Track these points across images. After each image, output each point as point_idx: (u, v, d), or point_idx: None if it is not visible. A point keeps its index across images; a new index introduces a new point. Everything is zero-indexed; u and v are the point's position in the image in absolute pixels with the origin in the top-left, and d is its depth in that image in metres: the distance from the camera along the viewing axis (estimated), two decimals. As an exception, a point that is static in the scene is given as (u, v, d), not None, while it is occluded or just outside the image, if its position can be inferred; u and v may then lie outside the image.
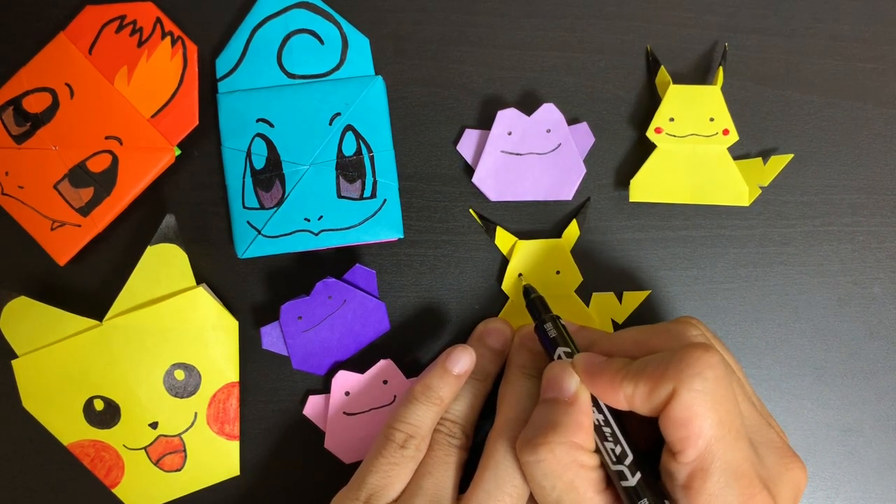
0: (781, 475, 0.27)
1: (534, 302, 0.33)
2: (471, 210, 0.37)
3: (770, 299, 0.37)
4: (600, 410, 0.28)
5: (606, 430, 0.28)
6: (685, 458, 0.25)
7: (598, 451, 0.28)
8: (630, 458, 0.27)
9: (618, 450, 0.28)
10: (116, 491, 0.36)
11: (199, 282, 0.36)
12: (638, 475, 0.27)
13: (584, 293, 0.37)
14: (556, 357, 0.31)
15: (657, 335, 0.30)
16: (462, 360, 0.32)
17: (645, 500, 0.26)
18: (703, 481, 0.25)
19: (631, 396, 0.27)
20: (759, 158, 0.37)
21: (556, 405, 0.29)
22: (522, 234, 0.37)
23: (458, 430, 0.33)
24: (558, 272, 0.36)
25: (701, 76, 0.38)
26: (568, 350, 0.31)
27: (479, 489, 0.30)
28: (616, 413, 0.28)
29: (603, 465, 0.28)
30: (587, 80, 0.38)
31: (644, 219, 0.37)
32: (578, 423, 0.28)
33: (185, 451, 0.36)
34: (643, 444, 0.28)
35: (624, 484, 0.27)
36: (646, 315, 0.37)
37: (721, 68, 0.36)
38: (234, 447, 0.36)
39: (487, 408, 0.34)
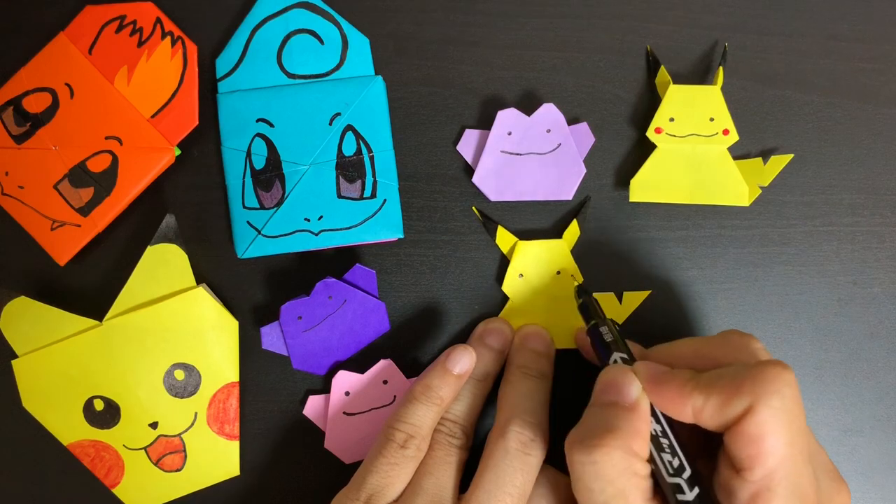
0: (831, 499, 0.27)
1: (587, 304, 0.33)
2: (473, 208, 0.37)
3: (770, 299, 0.37)
4: (658, 421, 0.28)
5: (664, 441, 0.27)
6: (752, 475, 0.25)
7: (650, 461, 0.27)
8: (688, 471, 0.27)
9: (675, 462, 0.27)
10: (116, 491, 0.36)
11: (199, 282, 0.36)
12: (696, 490, 0.26)
13: (584, 293, 0.37)
14: (611, 362, 0.30)
15: (718, 348, 0.29)
16: (462, 360, 0.32)
17: None
18: (767, 501, 0.25)
19: (700, 409, 0.26)
20: (759, 158, 0.37)
21: (615, 409, 0.28)
22: (522, 234, 0.37)
23: (459, 430, 0.33)
24: (558, 272, 0.36)
25: (701, 76, 0.38)
26: (625, 356, 0.30)
27: (479, 489, 0.30)
28: (671, 426, 0.28)
29: (653, 475, 0.27)
30: (587, 80, 0.38)
31: (644, 219, 0.37)
32: (637, 429, 0.27)
33: (185, 451, 0.36)
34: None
35: (680, 498, 0.26)
36: (646, 315, 0.37)
37: (721, 68, 0.36)
38: (234, 447, 0.36)
39: (488, 408, 0.34)
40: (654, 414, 0.28)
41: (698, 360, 0.29)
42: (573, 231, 0.37)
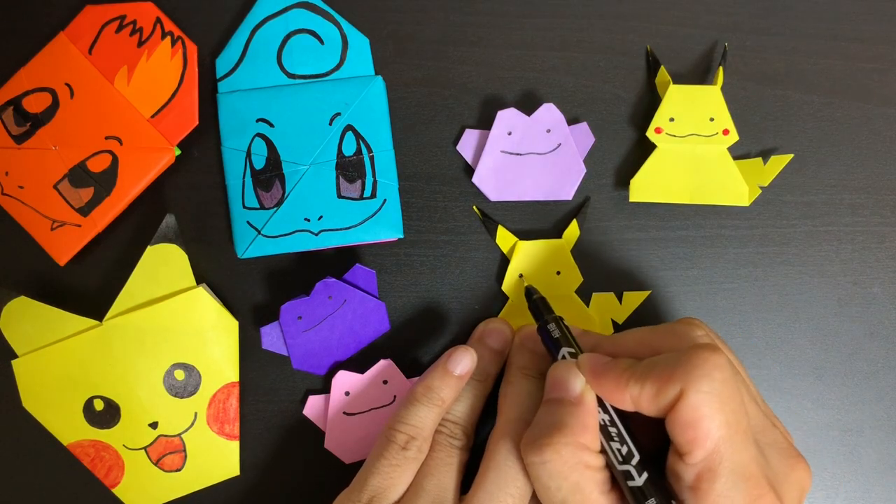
0: (787, 475, 0.27)
1: (536, 303, 0.33)
2: (474, 207, 0.37)
3: (770, 299, 0.37)
4: (606, 410, 0.28)
5: (612, 430, 0.28)
6: (692, 459, 0.25)
7: (603, 451, 0.28)
8: (636, 457, 0.27)
9: (624, 450, 0.27)
10: (116, 491, 0.36)
11: (199, 282, 0.36)
12: (645, 475, 0.27)
13: (585, 293, 0.37)
14: (559, 358, 0.31)
15: (661, 336, 0.30)
16: (463, 361, 0.32)
17: (652, 499, 0.26)
18: (710, 482, 0.25)
19: (637, 397, 0.27)
20: (759, 158, 0.37)
21: (562, 405, 0.28)
22: (522, 234, 0.37)
23: (460, 431, 0.33)
24: (558, 272, 0.36)
25: (701, 76, 0.38)
26: (572, 350, 0.30)
27: (481, 490, 0.30)
28: (621, 414, 0.28)
29: (608, 465, 0.28)
30: (587, 80, 0.38)
31: (644, 219, 0.37)
32: (584, 423, 0.28)
33: (185, 451, 0.36)
34: (648, 445, 0.28)
35: (630, 484, 0.27)
36: (646, 315, 0.37)
37: (721, 68, 0.36)
38: (234, 447, 0.36)
39: (488, 408, 0.34)
40: (602, 404, 0.29)
41: (641, 349, 0.29)
42: (573, 231, 0.37)
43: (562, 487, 0.27)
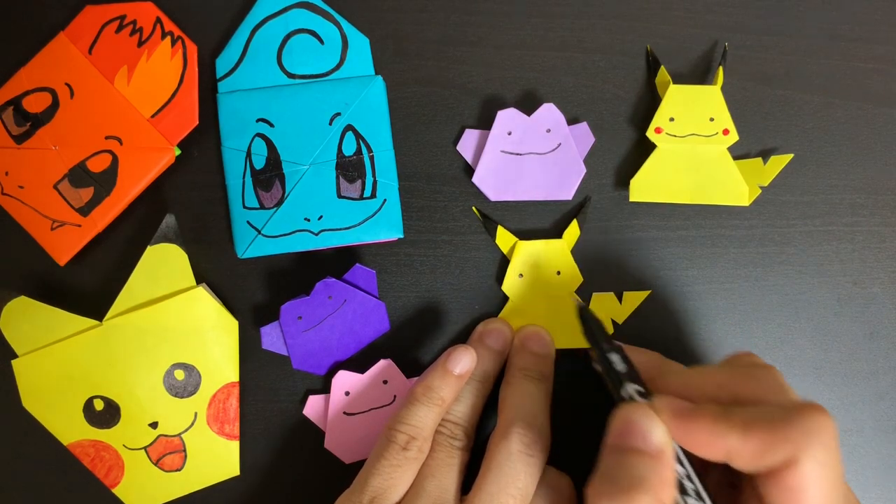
0: None
1: (594, 328, 0.31)
2: (474, 208, 0.37)
3: (770, 299, 0.37)
4: (681, 463, 0.27)
5: (688, 485, 0.26)
6: None
7: None
8: None
9: None
10: (116, 491, 0.36)
11: (199, 282, 0.36)
12: None
13: (585, 293, 0.37)
14: (624, 395, 0.28)
15: (742, 381, 0.28)
16: (463, 361, 0.32)
17: None
18: None
19: (737, 451, 0.25)
20: (759, 158, 0.37)
21: (639, 457, 0.26)
22: (522, 234, 0.37)
23: (460, 432, 0.33)
24: (558, 272, 0.36)
25: (701, 76, 0.38)
26: (641, 390, 0.28)
27: (482, 491, 0.30)
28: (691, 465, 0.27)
29: None
30: (587, 80, 0.38)
31: (644, 219, 0.37)
32: (664, 479, 0.26)
33: (185, 451, 0.36)
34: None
35: None
36: (646, 315, 0.37)
37: (721, 68, 0.36)
38: (234, 447, 0.36)
39: (489, 408, 0.34)
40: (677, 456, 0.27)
41: (721, 393, 0.28)
42: (573, 231, 0.37)
43: None
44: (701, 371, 0.30)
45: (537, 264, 0.36)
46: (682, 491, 0.26)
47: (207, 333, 0.36)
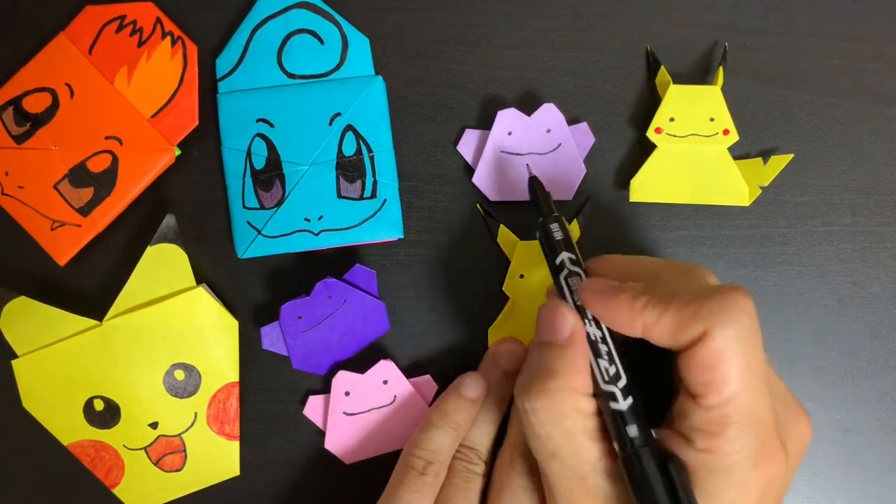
0: (789, 426, 0.26)
1: (538, 195, 0.31)
2: (478, 205, 0.37)
3: (770, 299, 0.37)
4: (599, 327, 0.27)
5: (602, 347, 0.27)
6: (706, 401, 0.24)
7: (595, 394, 0.27)
8: (624, 380, 0.26)
9: (612, 370, 0.26)
10: (116, 491, 0.36)
11: (199, 282, 0.36)
12: (630, 400, 0.26)
13: (584, 293, 0.37)
14: (558, 263, 0.29)
15: (678, 273, 0.28)
16: (474, 386, 0.33)
17: (634, 426, 0.25)
18: (722, 427, 0.24)
19: (652, 325, 0.25)
20: (759, 158, 0.37)
21: (551, 349, 0.27)
22: (522, 234, 0.37)
23: (476, 457, 0.33)
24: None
25: (701, 76, 0.38)
26: (573, 258, 0.29)
27: None
28: (613, 335, 0.27)
29: (600, 412, 0.27)
30: (587, 80, 0.38)
31: (644, 219, 0.37)
32: (575, 367, 0.26)
33: (185, 451, 0.36)
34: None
35: (613, 406, 0.26)
36: (646, 315, 0.37)
37: (721, 68, 0.36)
38: (234, 447, 0.36)
39: (503, 431, 0.34)
40: (597, 321, 0.27)
41: (654, 282, 0.28)
42: (573, 231, 0.37)
43: (553, 435, 0.26)
44: (640, 258, 0.30)
45: (538, 265, 0.36)
46: (596, 352, 0.27)
47: (207, 333, 0.36)
